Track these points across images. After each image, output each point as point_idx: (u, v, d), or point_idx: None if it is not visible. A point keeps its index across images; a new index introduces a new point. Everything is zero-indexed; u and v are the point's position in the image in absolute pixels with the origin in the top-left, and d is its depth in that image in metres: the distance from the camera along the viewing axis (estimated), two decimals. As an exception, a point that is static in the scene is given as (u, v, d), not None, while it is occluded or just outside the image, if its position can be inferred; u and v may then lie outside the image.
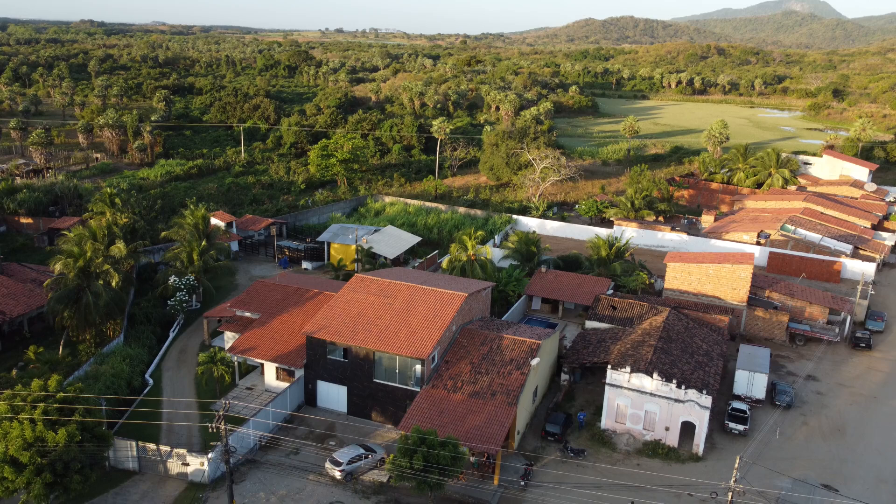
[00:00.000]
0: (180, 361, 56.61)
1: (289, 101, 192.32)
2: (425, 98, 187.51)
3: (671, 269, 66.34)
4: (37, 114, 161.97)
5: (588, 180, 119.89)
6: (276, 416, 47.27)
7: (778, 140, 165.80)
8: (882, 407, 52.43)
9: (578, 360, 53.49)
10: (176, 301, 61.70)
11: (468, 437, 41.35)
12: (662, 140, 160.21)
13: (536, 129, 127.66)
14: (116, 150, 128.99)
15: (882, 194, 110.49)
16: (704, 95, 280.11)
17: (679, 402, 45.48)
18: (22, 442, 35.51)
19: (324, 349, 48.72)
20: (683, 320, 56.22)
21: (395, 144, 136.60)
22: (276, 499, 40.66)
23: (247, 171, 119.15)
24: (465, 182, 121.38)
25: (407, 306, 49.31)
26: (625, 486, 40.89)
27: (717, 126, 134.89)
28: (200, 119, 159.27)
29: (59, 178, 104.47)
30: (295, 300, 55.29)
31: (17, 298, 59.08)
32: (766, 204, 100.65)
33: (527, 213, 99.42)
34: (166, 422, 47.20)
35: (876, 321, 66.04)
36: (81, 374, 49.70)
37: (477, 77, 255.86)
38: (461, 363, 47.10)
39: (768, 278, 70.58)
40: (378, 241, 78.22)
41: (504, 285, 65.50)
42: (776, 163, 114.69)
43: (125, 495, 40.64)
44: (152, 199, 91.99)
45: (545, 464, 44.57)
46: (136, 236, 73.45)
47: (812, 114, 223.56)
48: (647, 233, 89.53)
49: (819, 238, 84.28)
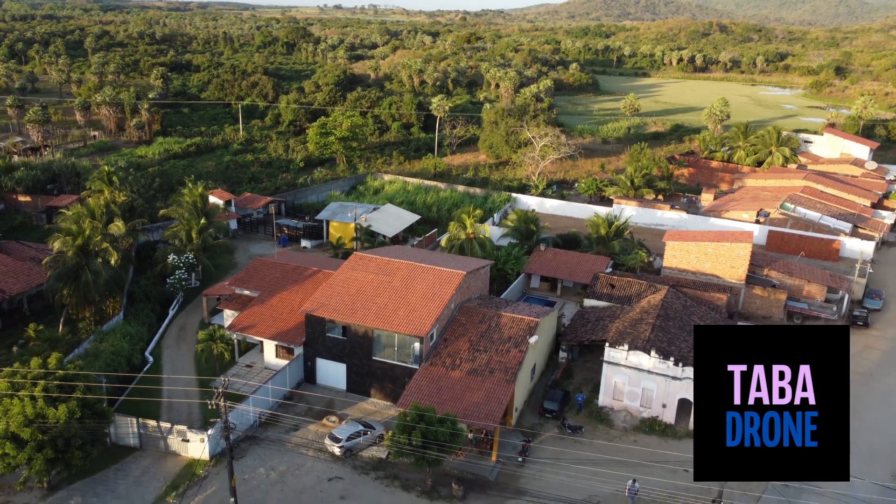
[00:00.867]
0: (180, 339, 56.84)
1: (287, 79, 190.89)
2: (424, 75, 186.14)
3: (670, 248, 66.38)
4: (33, 91, 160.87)
5: (588, 158, 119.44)
6: (276, 393, 47.58)
7: (779, 118, 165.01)
8: (878, 384, 52.76)
9: (577, 337, 53.71)
10: (175, 279, 61.79)
11: (466, 413, 41.65)
12: (663, 118, 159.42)
13: (536, 107, 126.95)
14: (114, 127, 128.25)
15: (882, 172, 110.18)
16: (706, 73, 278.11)
17: (676, 379, 45.75)
18: (23, 418, 35.80)
19: (323, 327, 48.89)
20: (682, 298, 56.36)
21: (394, 122, 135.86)
22: (275, 475, 41.07)
23: (245, 149, 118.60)
24: (464, 160, 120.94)
25: (405, 284, 49.40)
26: (621, 463, 41.28)
27: (717, 104, 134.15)
28: (198, 97, 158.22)
29: (56, 155, 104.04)
30: (294, 278, 55.37)
31: (17, 276, 59.12)
32: (765, 182, 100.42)
33: (526, 192, 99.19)
34: (166, 399, 47.51)
35: (874, 299, 66.22)
36: (81, 352, 49.93)
37: (477, 54, 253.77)
38: (460, 341, 47.29)
39: (767, 257, 70.65)
40: (377, 219, 78.14)
41: (503, 263, 65.56)
42: (776, 141, 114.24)
43: (126, 471, 41.04)
44: (150, 178, 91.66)
45: (543, 440, 44.97)
46: (135, 214, 73.32)
47: (814, 91, 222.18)
48: (647, 211, 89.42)
49: (818, 216, 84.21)
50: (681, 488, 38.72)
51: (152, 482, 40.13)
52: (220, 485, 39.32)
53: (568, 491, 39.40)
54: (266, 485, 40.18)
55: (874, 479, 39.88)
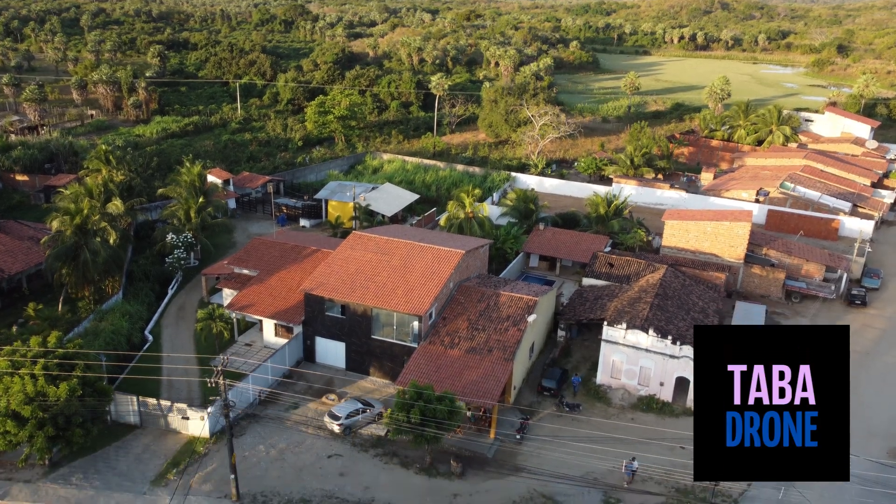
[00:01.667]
0: (179, 318, 56.95)
1: (285, 57, 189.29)
2: (424, 54, 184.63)
3: (669, 227, 66.32)
4: (29, 69, 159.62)
5: (588, 137, 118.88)
6: (275, 371, 47.78)
7: (780, 97, 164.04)
8: (875, 363, 53.00)
9: (575, 316, 53.83)
10: (174, 258, 61.78)
11: (465, 391, 41.86)
12: (663, 97, 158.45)
13: (536, 86, 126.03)
14: (111, 106, 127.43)
15: (883, 151, 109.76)
16: (707, 51, 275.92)
17: (674, 357, 45.94)
18: (23, 396, 35.96)
19: (322, 306, 48.96)
20: (680, 277, 56.41)
21: (393, 101, 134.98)
22: (275, 452, 41.36)
23: (243, 128, 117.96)
24: (463, 139, 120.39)
25: (404, 263, 49.39)
26: (619, 440, 41.56)
27: (718, 82, 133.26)
28: (196, 75, 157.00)
29: (54, 134, 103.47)
30: (293, 257, 55.35)
31: (16, 256, 59.10)
32: (765, 161, 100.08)
33: (525, 171, 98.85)
34: (166, 377, 47.71)
35: (872, 278, 66.30)
36: (81, 331, 50.06)
37: (476, 32, 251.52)
38: (458, 319, 47.39)
39: (766, 236, 70.61)
40: (376, 198, 77.95)
41: (502, 243, 65.52)
42: (777, 120, 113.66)
43: (127, 448, 41.32)
44: (148, 157, 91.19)
45: (541, 418, 45.25)
46: (133, 193, 73.06)
47: (815, 70, 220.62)
48: (646, 190, 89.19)
49: (818, 195, 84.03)
50: (678, 465, 39.03)
51: (153, 459, 40.42)
52: (221, 462, 39.63)
53: (566, 468, 39.72)
54: (266, 462, 40.49)
55: (870, 457, 40.18)
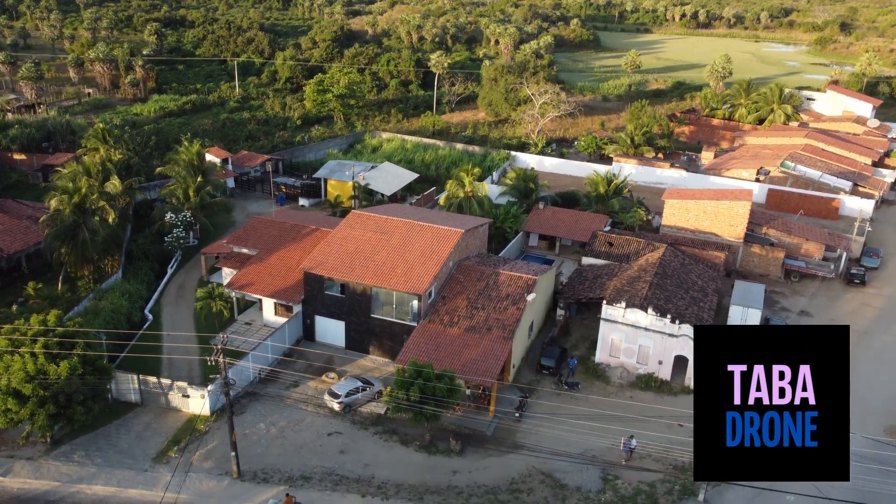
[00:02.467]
0: (179, 297, 57.01)
1: (283, 35, 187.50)
2: (423, 31, 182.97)
3: (669, 206, 66.18)
4: (25, 47, 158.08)
5: (588, 116, 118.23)
6: (275, 350, 47.92)
7: (782, 75, 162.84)
8: (873, 341, 53.17)
9: (574, 295, 53.89)
10: (173, 237, 61.69)
11: (464, 370, 42.02)
12: (664, 75, 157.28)
13: (536, 64, 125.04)
14: (108, 84, 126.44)
15: (885, 130, 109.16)
16: (709, 28, 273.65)
17: (673, 336, 46.06)
18: (24, 374, 36.08)
19: (321, 285, 48.98)
20: (680, 256, 56.39)
21: (393, 79, 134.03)
22: (276, 430, 41.61)
23: (242, 107, 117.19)
24: (463, 118, 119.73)
25: (404, 242, 49.34)
26: (617, 418, 41.79)
27: (720, 60, 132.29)
28: (193, 53, 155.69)
29: (51, 113, 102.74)
30: (292, 236, 55.28)
31: (15, 235, 59.00)
32: (766, 140, 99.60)
33: (525, 150, 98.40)
34: (166, 355, 47.85)
35: (871, 258, 66.29)
36: (81, 310, 50.11)
37: (476, 9, 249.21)
38: (458, 298, 47.44)
39: (766, 215, 70.49)
40: (375, 177, 77.67)
41: (501, 222, 65.41)
42: (779, 98, 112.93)
43: (128, 426, 41.57)
44: (146, 135, 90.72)
45: (540, 396, 45.46)
46: (131, 172, 72.74)
47: (818, 48, 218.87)
48: (646, 169, 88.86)
49: (819, 175, 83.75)
50: (675, 443, 39.29)
51: (154, 437, 40.68)
52: (221, 439, 39.87)
53: (564, 445, 39.96)
54: (266, 439, 40.74)
55: (866, 434, 40.43)
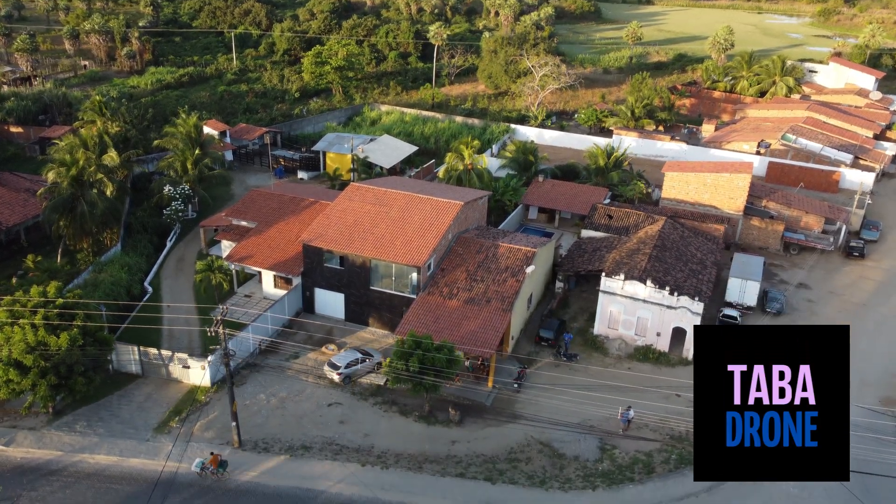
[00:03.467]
0: (178, 270, 57.06)
1: (281, 6, 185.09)
2: (422, 3, 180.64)
3: (669, 179, 65.97)
4: (20, 19, 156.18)
5: (588, 88, 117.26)
6: (275, 321, 48.07)
7: (784, 47, 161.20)
8: (871, 314, 53.37)
9: (573, 267, 53.94)
10: (172, 210, 61.55)
11: (463, 341, 42.22)
12: (666, 47, 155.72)
13: (536, 36, 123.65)
14: (105, 56, 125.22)
15: (887, 103, 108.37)
16: (711, 0, 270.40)
17: (671, 308, 46.20)
18: (24, 346, 36.26)
19: (320, 257, 49.00)
20: (679, 229, 56.34)
21: (392, 51, 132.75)
22: (276, 400, 41.91)
23: (239, 79, 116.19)
24: (462, 90, 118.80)
25: (403, 215, 49.25)
26: (615, 388, 42.07)
27: (721, 32, 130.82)
28: (190, 25, 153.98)
29: (47, 85, 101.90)
30: (291, 209, 55.17)
31: (13, 208, 58.85)
32: (768, 113, 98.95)
33: (525, 122, 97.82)
34: (167, 326, 48.01)
35: (871, 230, 66.26)
36: (80, 282, 50.18)
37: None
38: (457, 270, 47.48)
39: (766, 188, 70.29)
40: (374, 150, 77.31)
41: (501, 194, 65.24)
42: (781, 71, 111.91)
43: (129, 397, 41.86)
44: (143, 108, 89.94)
45: (538, 367, 45.72)
46: (129, 145, 72.34)
47: (821, 20, 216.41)
48: (647, 142, 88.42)
49: (819, 147, 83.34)
50: (673, 413, 39.60)
51: (155, 407, 40.99)
52: (222, 410, 40.18)
53: (563, 415, 40.28)
54: (266, 410, 41.06)
55: (864, 404, 40.74)
